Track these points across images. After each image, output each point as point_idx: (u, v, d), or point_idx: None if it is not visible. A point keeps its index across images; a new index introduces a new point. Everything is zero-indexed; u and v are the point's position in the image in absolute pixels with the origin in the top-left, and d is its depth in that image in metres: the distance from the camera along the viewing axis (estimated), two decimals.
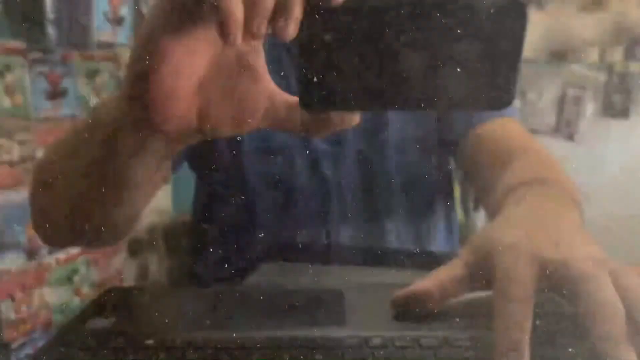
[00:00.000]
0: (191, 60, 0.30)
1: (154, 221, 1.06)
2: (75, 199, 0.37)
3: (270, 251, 0.55)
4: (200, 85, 0.30)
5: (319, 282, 0.44)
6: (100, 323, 0.32)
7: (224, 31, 0.26)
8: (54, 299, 0.82)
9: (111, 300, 0.35)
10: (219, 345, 0.29)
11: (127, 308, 0.34)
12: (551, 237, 0.33)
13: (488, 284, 0.32)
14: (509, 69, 0.29)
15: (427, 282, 0.35)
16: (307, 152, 0.55)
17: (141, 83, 0.29)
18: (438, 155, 0.59)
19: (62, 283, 0.74)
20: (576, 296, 0.30)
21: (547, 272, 0.31)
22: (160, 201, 0.63)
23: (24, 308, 0.81)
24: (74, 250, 0.78)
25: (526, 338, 0.29)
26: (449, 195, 0.67)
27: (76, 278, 0.76)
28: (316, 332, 0.31)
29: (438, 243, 0.63)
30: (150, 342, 0.30)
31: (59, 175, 0.38)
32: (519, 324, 0.30)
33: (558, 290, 0.31)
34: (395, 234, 0.59)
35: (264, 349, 0.28)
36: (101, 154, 0.33)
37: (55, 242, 0.52)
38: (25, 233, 0.77)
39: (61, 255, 0.76)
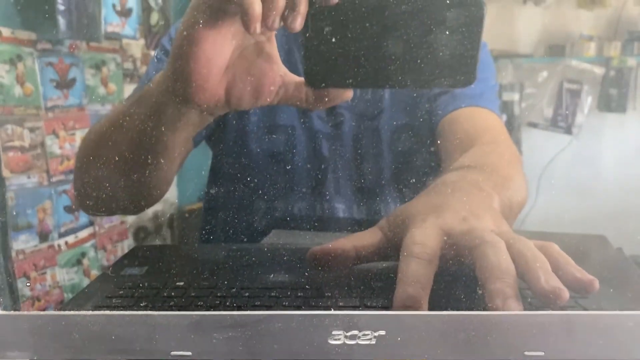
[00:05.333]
0: (220, 47, 0.36)
1: (159, 210, 1.08)
2: (119, 167, 0.41)
3: (273, 220, 0.58)
4: (227, 67, 0.36)
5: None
6: (134, 271, 0.35)
7: (246, 24, 0.32)
8: (65, 279, 0.85)
9: (140, 255, 0.38)
10: (242, 287, 0.32)
11: (156, 260, 0.37)
12: (459, 213, 0.37)
13: (398, 253, 0.35)
14: (470, 53, 0.34)
15: (344, 242, 0.38)
16: (308, 132, 0.59)
17: (182, 65, 0.35)
18: (426, 141, 0.62)
19: (72, 265, 0.76)
20: (475, 259, 0.33)
21: (452, 241, 0.34)
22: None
23: (38, 286, 0.83)
24: (83, 235, 0.80)
25: (423, 295, 0.31)
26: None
27: (85, 261, 0.79)
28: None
29: None
30: (180, 283, 0.33)
31: (107, 144, 0.43)
32: (418, 281, 0.32)
33: (462, 257, 0.34)
34: (384, 212, 0.62)
35: (279, 288, 0.31)
36: (146, 123, 0.38)
37: (95, 209, 0.55)
38: (37, 216, 0.79)
39: (70, 238, 0.79)
